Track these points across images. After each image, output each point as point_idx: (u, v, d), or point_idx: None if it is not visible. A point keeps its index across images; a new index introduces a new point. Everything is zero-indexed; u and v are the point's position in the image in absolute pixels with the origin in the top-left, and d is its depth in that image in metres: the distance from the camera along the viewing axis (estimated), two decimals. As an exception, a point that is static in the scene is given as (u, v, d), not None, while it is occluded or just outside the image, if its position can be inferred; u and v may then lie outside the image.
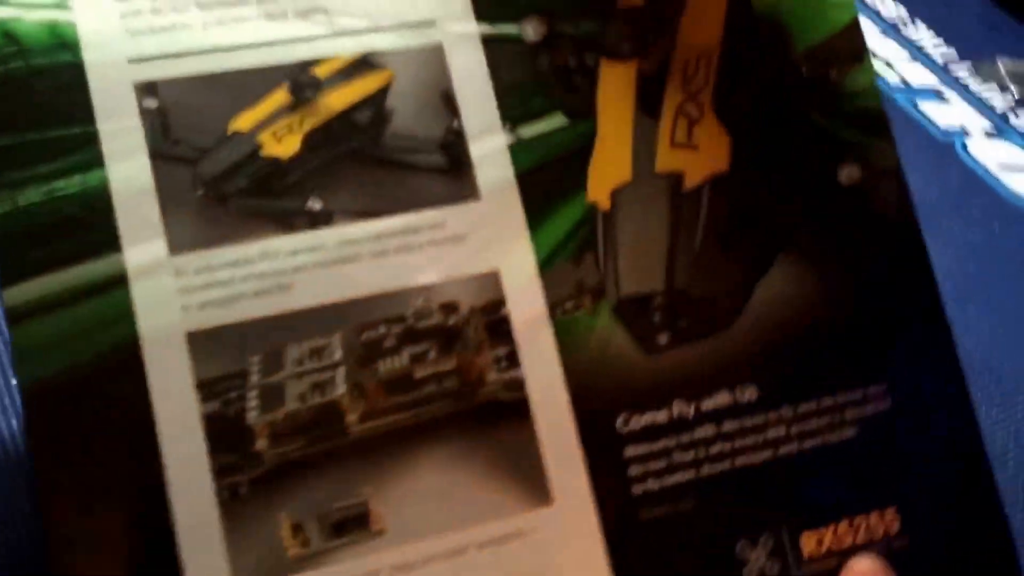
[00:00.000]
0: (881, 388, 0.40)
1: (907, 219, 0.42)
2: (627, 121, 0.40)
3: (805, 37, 0.42)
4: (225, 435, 0.34)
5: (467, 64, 0.38)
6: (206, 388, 0.34)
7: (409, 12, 0.38)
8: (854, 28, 0.43)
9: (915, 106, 0.78)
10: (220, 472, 0.34)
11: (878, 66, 0.82)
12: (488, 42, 0.39)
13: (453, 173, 0.38)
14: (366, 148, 0.37)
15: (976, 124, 0.77)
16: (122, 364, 0.34)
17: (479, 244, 0.37)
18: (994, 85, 0.81)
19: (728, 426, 0.38)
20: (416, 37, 0.38)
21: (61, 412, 0.33)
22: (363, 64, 0.38)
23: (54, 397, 0.33)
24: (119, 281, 0.34)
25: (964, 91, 0.80)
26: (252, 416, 0.34)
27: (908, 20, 0.88)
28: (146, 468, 0.33)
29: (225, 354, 0.34)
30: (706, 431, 0.38)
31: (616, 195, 0.39)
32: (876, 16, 0.88)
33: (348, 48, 0.37)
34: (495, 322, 0.37)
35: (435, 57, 0.38)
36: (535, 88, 0.39)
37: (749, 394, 0.39)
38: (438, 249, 0.37)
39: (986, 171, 0.73)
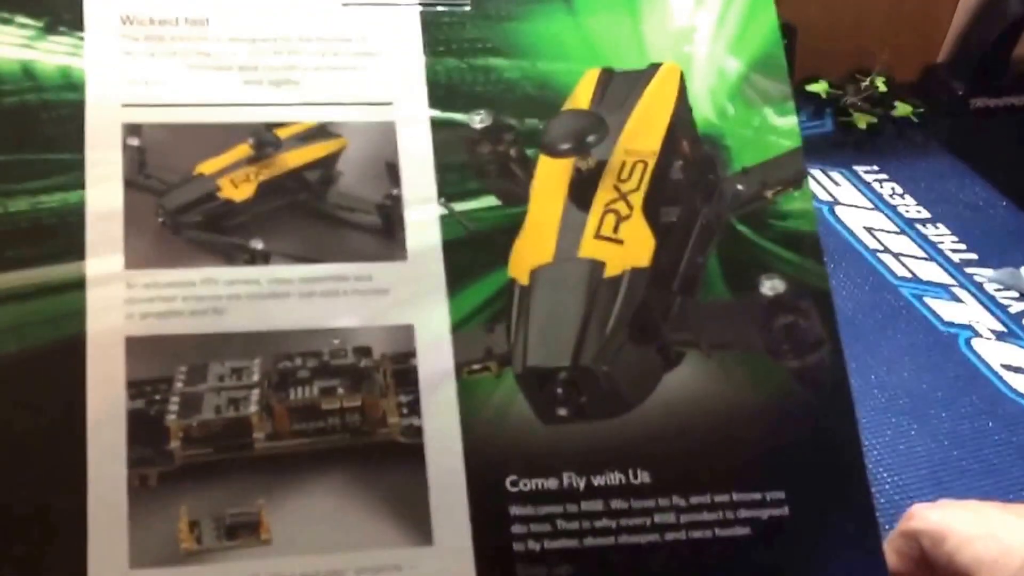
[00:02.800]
0: (779, 495, 0.42)
1: (831, 340, 0.44)
2: (557, 210, 0.43)
3: (744, 157, 0.46)
4: (144, 431, 0.38)
5: (414, 141, 0.43)
6: (135, 387, 0.39)
7: (370, 93, 0.44)
8: (795, 155, 0.46)
9: (920, 299, 0.80)
10: (134, 462, 0.38)
11: (887, 259, 0.85)
12: (437, 125, 0.44)
13: (386, 234, 0.42)
14: (311, 202, 0.43)
15: (985, 324, 0.79)
16: (67, 355, 0.39)
17: (399, 299, 0.41)
18: (1013, 292, 0.82)
19: (616, 504, 0.40)
20: (373, 114, 0.43)
21: (6, 387, 0.38)
22: (321, 131, 0.43)
23: (4, 373, 0.38)
24: (78, 285, 0.39)
25: (979, 292, 0.82)
26: (170, 418, 0.39)
27: (929, 221, 0.90)
28: (70, 447, 0.38)
29: (156, 361, 0.39)
30: (594, 505, 0.40)
31: (536, 273, 0.42)
32: (894, 212, 0.90)
33: (310, 116, 0.43)
34: (403, 371, 0.41)
35: (387, 132, 0.43)
36: (474, 171, 0.43)
37: (642, 478, 0.41)
38: (361, 298, 0.41)
39: (988, 368, 0.74)
